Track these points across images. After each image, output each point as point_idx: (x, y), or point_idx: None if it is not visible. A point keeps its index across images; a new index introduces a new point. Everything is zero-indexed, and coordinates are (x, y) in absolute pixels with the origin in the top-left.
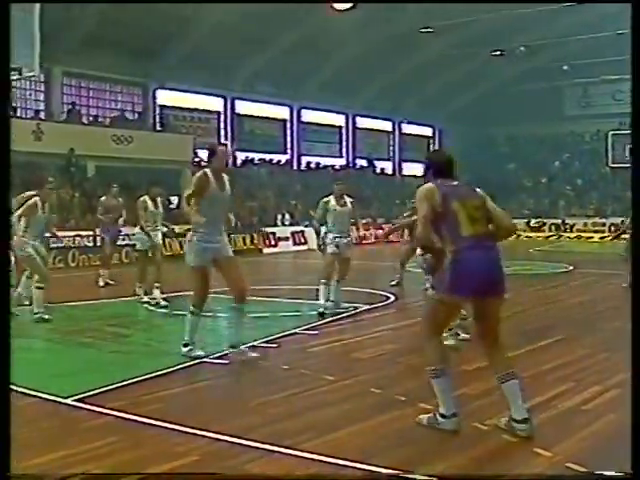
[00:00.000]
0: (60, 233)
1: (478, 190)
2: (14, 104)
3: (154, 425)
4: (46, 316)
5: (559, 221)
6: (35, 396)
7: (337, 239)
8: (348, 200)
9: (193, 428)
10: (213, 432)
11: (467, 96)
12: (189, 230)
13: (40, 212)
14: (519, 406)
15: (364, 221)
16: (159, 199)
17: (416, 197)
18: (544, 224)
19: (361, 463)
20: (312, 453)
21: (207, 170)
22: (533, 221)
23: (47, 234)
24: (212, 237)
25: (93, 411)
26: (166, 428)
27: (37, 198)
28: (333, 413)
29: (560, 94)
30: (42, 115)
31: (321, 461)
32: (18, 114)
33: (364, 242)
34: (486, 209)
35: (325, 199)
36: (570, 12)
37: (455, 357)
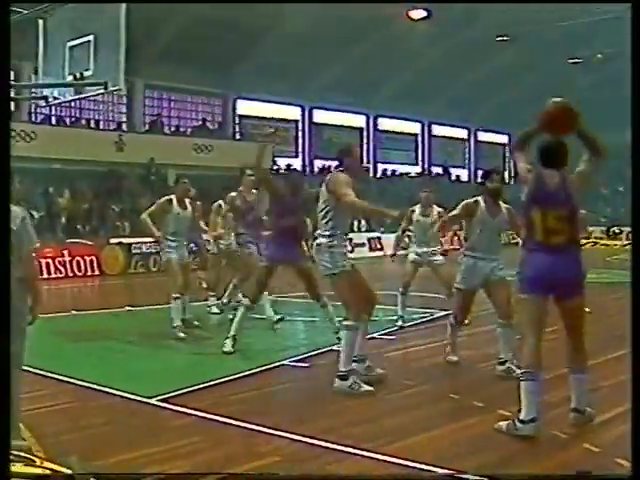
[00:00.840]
0: (140, 239)
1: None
2: (97, 117)
3: (235, 425)
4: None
5: None
6: (119, 396)
7: (417, 248)
8: (435, 210)
9: (274, 429)
10: (294, 433)
11: (543, 104)
12: None
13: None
14: (578, 397)
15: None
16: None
17: None
18: (621, 232)
19: (437, 467)
20: (390, 456)
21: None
22: (611, 229)
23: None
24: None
25: (176, 411)
26: (247, 429)
27: (172, 196)
28: (411, 418)
29: None
30: (124, 127)
31: (399, 464)
32: (101, 127)
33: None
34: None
35: (412, 207)
36: None
37: None
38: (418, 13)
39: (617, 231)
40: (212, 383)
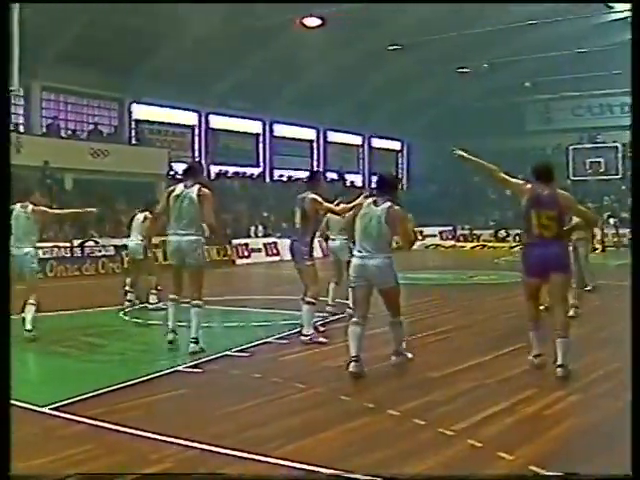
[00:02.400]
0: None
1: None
2: None
3: (128, 433)
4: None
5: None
6: (11, 404)
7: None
8: None
9: (166, 435)
10: (186, 440)
11: (434, 111)
12: None
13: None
14: (562, 356)
15: None
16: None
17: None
18: (508, 235)
19: (326, 468)
20: (281, 459)
21: None
22: (498, 232)
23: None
24: None
25: (69, 419)
26: (140, 436)
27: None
28: (304, 420)
29: (522, 110)
30: (21, 128)
31: (289, 467)
32: None
33: None
34: None
35: None
36: (531, 30)
37: (422, 364)
38: (312, 21)
39: (504, 234)
40: (105, 390)
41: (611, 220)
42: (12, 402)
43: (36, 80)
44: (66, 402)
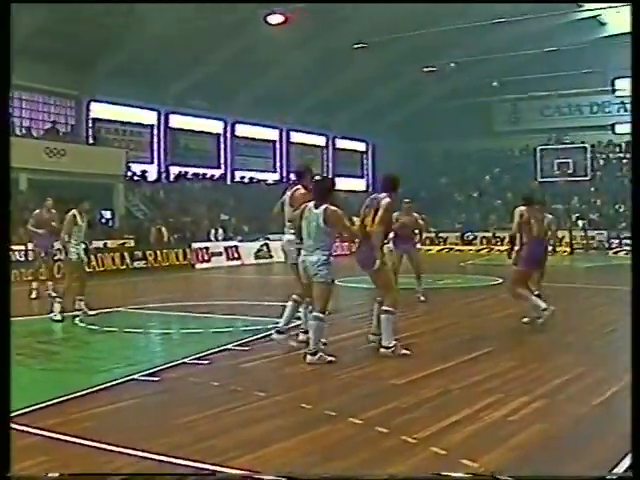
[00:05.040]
0: None
1: None
2: None
3: (84, 444)
4: None
5: (490, 234)
6: None
7: None
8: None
9: (122, 447)
10: (142, 450)
11: (400, 111)
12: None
13: None
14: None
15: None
16: (84, 214)
17: None
18: (475, 237)
19: (285, 478)
20: (241, 470)
21: None
22: (465, 235)
23: None
24: None
25: (22, 431)
26: (95, 447)
27: None
28: (263, 429)
29: (490, 110)
30: None
31: (249, 477)
32: None
33: None
34: None
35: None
36: (497, 30)
37: (385, 370)
38: (275, 18)
39: (471, 237)
40: (60, 400)
41: (579, 222)
42: None
43: None
44: (19, 413)
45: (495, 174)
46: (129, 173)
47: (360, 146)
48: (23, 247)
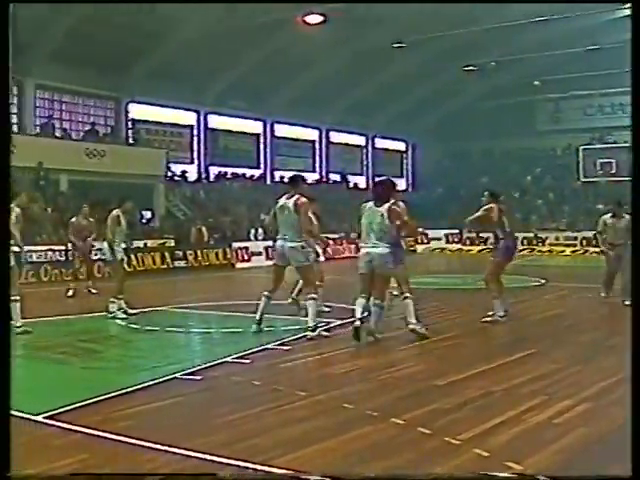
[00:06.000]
0: (32, 247)
1: None
2: None
3: (124, 442)
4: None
5: (531, 235)
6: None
7: None
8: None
9: (164, 445)
10: (184, 449)
11: (440, 111)
12: None
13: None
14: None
15: (337, 235)
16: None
17: None
18: (516, 238)
19: (328, 478)
20: (281, 468)
21: None
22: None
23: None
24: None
25: (64, 428)
26: (137, 445)
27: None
28: (304, 429)
29: (532, 109)
30: (14, 128)
31: (290, 476)
32: None
33: (337, 257)
34: None
35: None
36: (538, 28)
37: (427, 371)
38: (314, 18)
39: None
40: (102, 398)
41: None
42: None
43: (30, 78)
44: (62, 410)
45: (537, 174)
46: (169, 173)
47: (400, 145)
48: (63, 247)
